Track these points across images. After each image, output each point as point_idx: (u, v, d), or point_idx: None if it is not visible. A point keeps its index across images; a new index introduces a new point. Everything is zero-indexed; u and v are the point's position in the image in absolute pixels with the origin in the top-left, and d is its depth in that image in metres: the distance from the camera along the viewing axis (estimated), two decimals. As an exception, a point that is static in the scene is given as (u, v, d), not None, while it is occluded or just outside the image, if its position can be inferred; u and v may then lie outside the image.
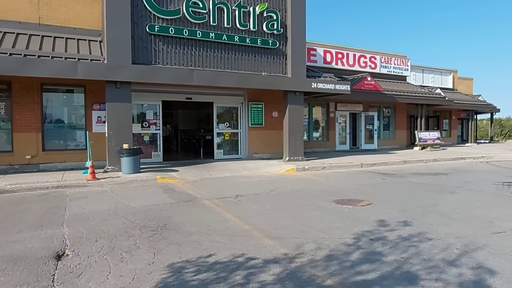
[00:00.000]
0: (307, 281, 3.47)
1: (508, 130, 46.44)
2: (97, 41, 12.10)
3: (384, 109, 21.92)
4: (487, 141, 34.82)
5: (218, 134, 14.30)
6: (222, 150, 14.34)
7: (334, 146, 19.58)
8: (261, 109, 14.75)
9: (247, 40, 12.69)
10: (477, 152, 18.49)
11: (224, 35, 12.29)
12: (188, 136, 18.27)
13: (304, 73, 13.70)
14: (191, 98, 13.68)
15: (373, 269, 3.73)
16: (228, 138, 14.49)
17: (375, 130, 20.89)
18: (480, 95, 30.99)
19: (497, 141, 38.47)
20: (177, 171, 10.93)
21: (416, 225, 5.30)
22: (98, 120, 11.81)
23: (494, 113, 32.96)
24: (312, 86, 13.50)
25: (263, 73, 12.85)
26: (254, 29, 12.77)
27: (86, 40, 11.93)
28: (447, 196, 7.49)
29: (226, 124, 14.51)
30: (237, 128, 14.63)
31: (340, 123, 19.86)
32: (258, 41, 12.87)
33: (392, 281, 3.45)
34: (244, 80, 12.35)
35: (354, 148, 20.26)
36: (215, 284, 3.40)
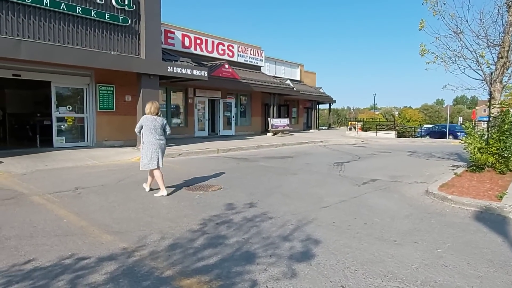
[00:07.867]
0: (145, 275, 3.23)
1: (342, 118, 55.17)
2: None
3: (241, 96, 23.03)
4: (326, 128, 40.62)
5: (59, 118, 12.40)
6: (63, 137, 12.52)
7: (193, 132, 19.56)
8: (111, 92, 13.44)
9: (92, 13, 11.26)
10: (318, 137, 21.28)
11: (63, 4, 10.60)
12: (20, 121, 15.35)
13: (159, 55, 13.05)
14: (20, 75, 11.39)
15: (215, 253, 3.73)
16: (71, 123, 12.71)
17: (233, 116, 21.73)
18: (321, 88, 35.68)
19: (334, 127, 45.13)
20: (1, 162, 9.03)
21: (261, 206, 5.62)
22: None
23: (331, 104, 38.49)
24: (168, 70, 12.98)
25: (112, 52, 11.64)
26: (101, 2, 11.44)
27: None
28: (289, 178, 8.25)
29: (69, 108, 12.70)
30: (83, 113, 12.99)
31: (199, 109, 19.91)
32: (106, 16, 11.58)
33: (232, 262, 3.52)
34: (89, 58, 10.94)
35: (213, 134, 20.68)
36: (28, 297, 2.83)
